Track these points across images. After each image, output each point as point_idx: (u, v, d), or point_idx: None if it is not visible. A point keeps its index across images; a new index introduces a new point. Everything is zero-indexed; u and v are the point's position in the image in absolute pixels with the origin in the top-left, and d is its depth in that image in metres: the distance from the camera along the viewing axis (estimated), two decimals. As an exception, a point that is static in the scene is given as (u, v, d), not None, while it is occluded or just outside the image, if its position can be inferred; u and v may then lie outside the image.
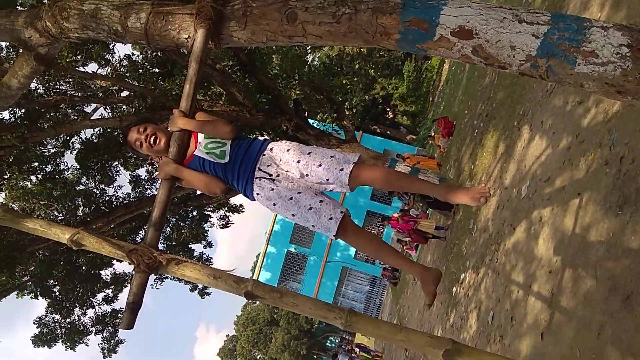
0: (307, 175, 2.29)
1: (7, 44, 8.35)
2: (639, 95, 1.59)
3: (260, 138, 2.52)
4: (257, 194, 2.35)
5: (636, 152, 3.41)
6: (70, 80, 10.29)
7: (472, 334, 6.01)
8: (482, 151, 8.81)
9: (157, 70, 10.87)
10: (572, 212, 4.12)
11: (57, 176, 10.73)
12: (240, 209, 15.55)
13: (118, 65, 10.72)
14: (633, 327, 2.88)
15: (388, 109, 36.14)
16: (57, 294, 11.48)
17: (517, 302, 4.91)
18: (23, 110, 9.41)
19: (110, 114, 11.09)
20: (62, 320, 11.91)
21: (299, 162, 2.30)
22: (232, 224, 15.41)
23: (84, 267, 11.46)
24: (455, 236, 9.08)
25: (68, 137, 10.79)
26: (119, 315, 12.58)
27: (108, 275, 12.71)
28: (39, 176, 10.51)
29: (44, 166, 10.57)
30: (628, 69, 1.56)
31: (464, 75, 17.03)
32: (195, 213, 14.51)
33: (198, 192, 12.73)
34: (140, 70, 10.69)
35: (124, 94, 10.89)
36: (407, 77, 31.32)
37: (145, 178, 12.39)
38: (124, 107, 10.81)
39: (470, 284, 6.92)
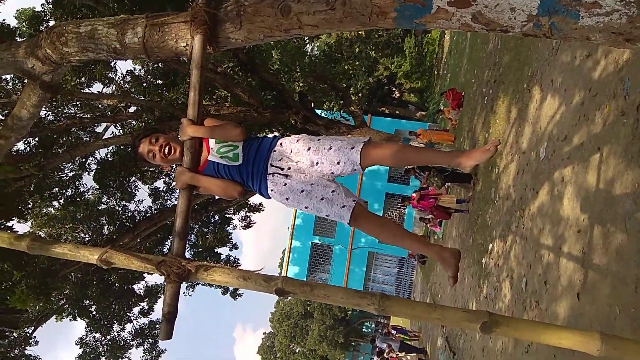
0: (317, 162, 2.30)
1: (12, 76, 8.49)
2: (649, 40, 1.55)
3: (270, 136, 2.54)
4: (271, 190, 2.37)
5: (653, 99, 3.33)
6: (78, 103, 10.44)
7: (507, 303, 5.97)
8: (495, 118, 8.69)
9: (160, 81, 10.94)
10: (594, 167, 4.05)
11: (78, 199, 10.93)
12: (260, 207, 15.66)
13: (122, 82, 10.83)
14: (671, 276, 2.83)
15: (394, 89, 35.81)
16: (94, 313, 11.74)
17: (548, 265, 4.86)
18: (36, 139, 9.58)
19: (121, 131, 11.23)
20: (103, 338, 12.19)
21: (309, 149, 2.32)
22: (254, 223, 15.54)
23: (116, 284, 11.69)
24: (478, 207, 9.01)
25: (84, 159, 10.97)
26: (157, 325, 12.83)
27: (141, 289, 12.95)
28: (61, 201, 10.72)
29: (64, 191, 10.77)
30: (634, 15, 1.52)
31: (466, 44, 16.77)
32: (217, 218, 14.66)
33: (217, 197, 12.82)
34: (144, 84, 10.77)
35: (132, 109, 11.00)
36: (408, 54, 30.94)
37: (164, 189, 12.54)
38: (134, 122, 10.93)
39: (500, 253, 6.87)
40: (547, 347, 4.48)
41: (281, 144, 2.40)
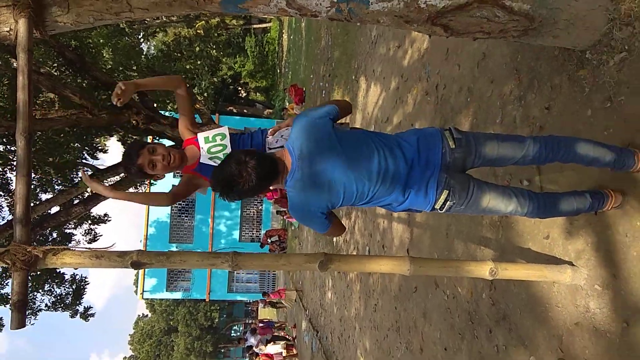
0: None
1: None
2: (421, 21, 1.99)
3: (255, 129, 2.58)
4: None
5: (446, 78, 4.06)
6: None
7: (356, 271, 6.60)
8: (332, 108, 9.39)
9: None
10: (411, 140, 4.74)
11: None
12: (106, 218, 14.57)
13: None
14: (468, 220, 3.52)
15: (240, 88, 35.97)
16: None
17: (384, 231, 5.54)
18: None
19: None
20: None
21: None
22: (101, 236, 14.41)
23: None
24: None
25: None
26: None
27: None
28: None
29: None
30: (409, 2, 1.94)
31: (302, 42, 17.67)
32: (55, 235, 13.26)
33: (52, 211, 11.70)
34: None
35: None
36: (250, 53, 31.36)
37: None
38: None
39: (347, 229, 7.52)
40: (386, 291, 5.14)
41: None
